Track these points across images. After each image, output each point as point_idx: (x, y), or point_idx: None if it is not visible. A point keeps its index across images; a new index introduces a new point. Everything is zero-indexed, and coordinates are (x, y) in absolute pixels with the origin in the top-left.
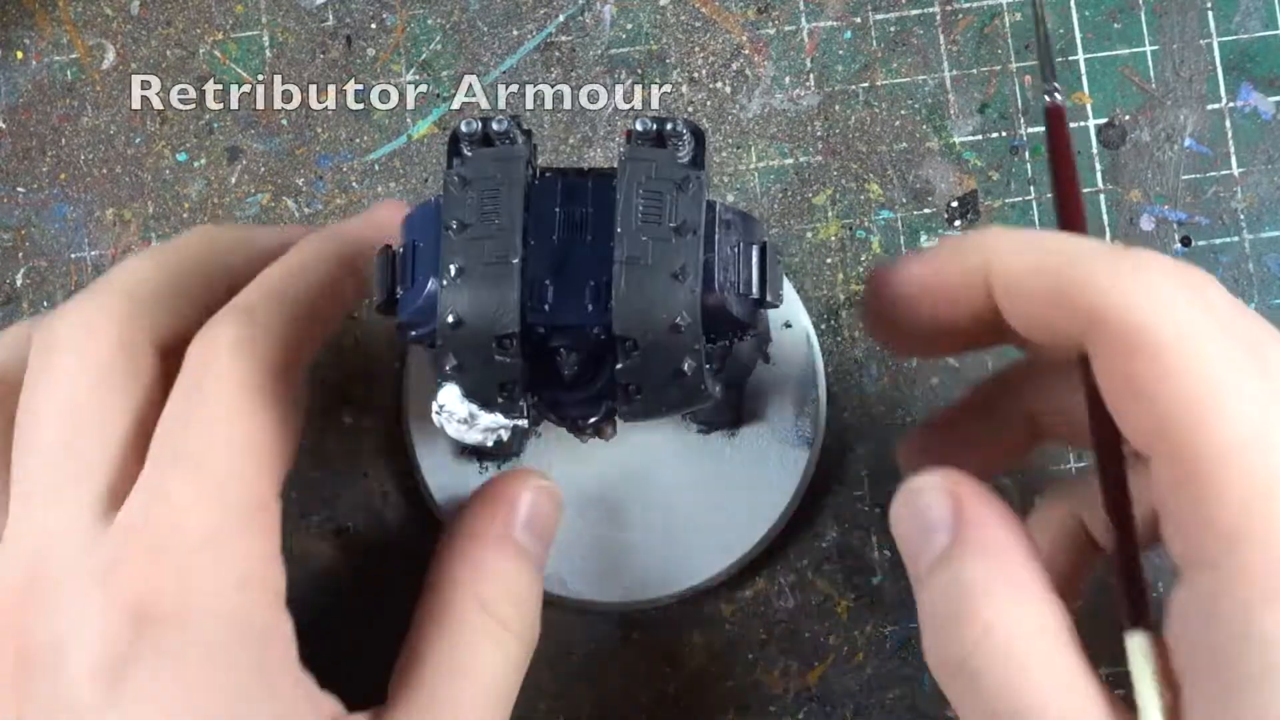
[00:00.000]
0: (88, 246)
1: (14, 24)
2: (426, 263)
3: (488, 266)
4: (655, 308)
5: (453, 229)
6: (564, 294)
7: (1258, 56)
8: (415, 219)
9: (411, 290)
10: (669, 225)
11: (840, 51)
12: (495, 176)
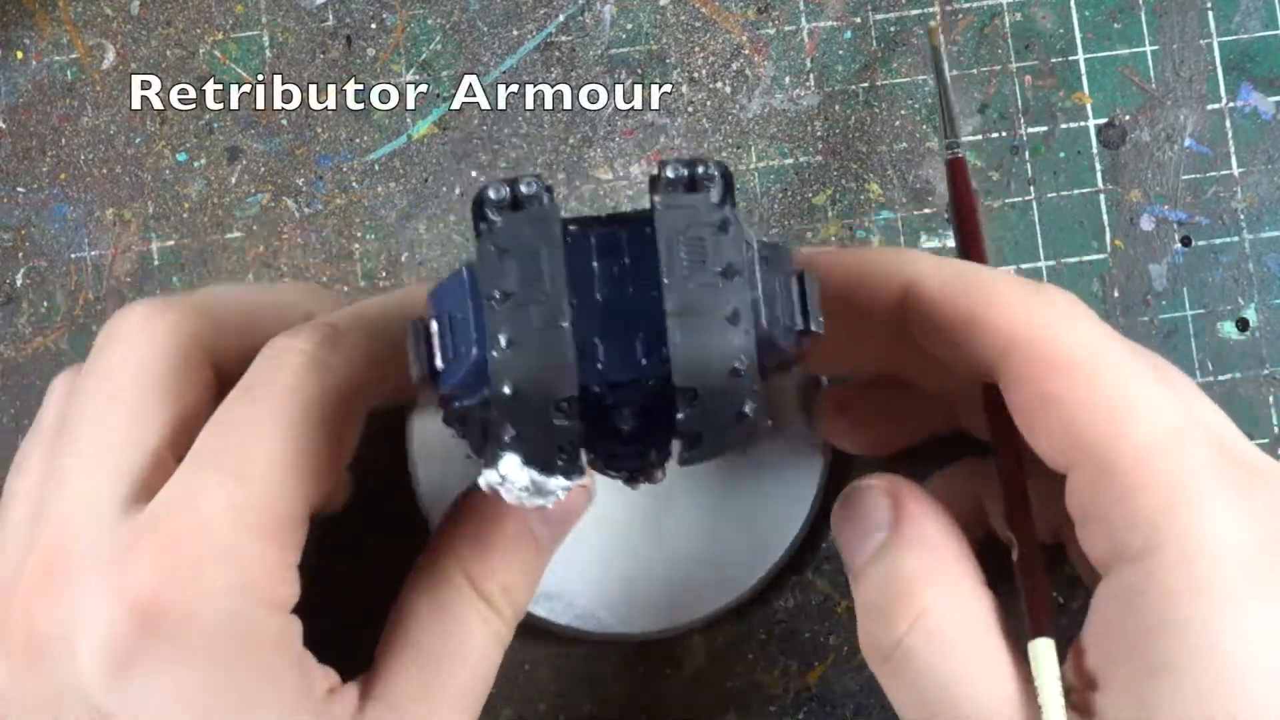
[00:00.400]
0: (88, 246)
1: (14, 24)
2: (465, 334)
3: (538, 333)
4: (713, 354)
5: (495, 299)
6: (615, 350)
7: (1258, 56)
8: (445, 291)
9: (454, 363)
10: (714, 270)
11: (840, 51)
12: (532, 241)
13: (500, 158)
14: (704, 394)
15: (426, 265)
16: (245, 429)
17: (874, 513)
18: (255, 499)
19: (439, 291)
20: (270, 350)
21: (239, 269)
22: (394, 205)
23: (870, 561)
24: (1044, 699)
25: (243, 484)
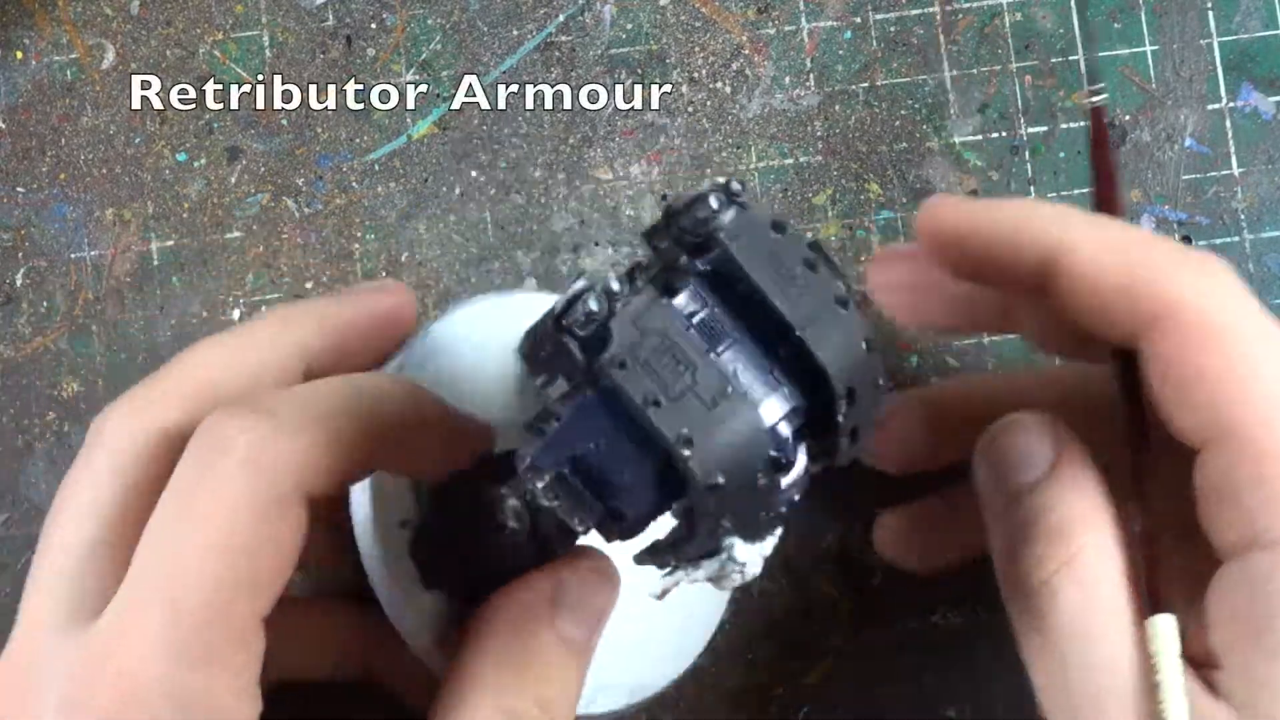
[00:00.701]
0: (87, 246)
1: (14, 24)
2: (628, 461)
3: (710, 412)
4: (852, 346)
5: (655, 407)
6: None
7: (1258, 56)
8: (567, 434)
9: (628, 493)
10: (829, 297)
11: (840, 51)
12: (652, 331)
13: (500, 158)
14: (858, 388)
15: (426, 265)
16: (178, 545)
17: (1034, 447)
18: (193, 627)
19: (557, 443)
20: (200, 439)
21: (239, 269)
22: (394, 205)
23: (1027, 492)
24: (1164, 675)
25: (177, 608)
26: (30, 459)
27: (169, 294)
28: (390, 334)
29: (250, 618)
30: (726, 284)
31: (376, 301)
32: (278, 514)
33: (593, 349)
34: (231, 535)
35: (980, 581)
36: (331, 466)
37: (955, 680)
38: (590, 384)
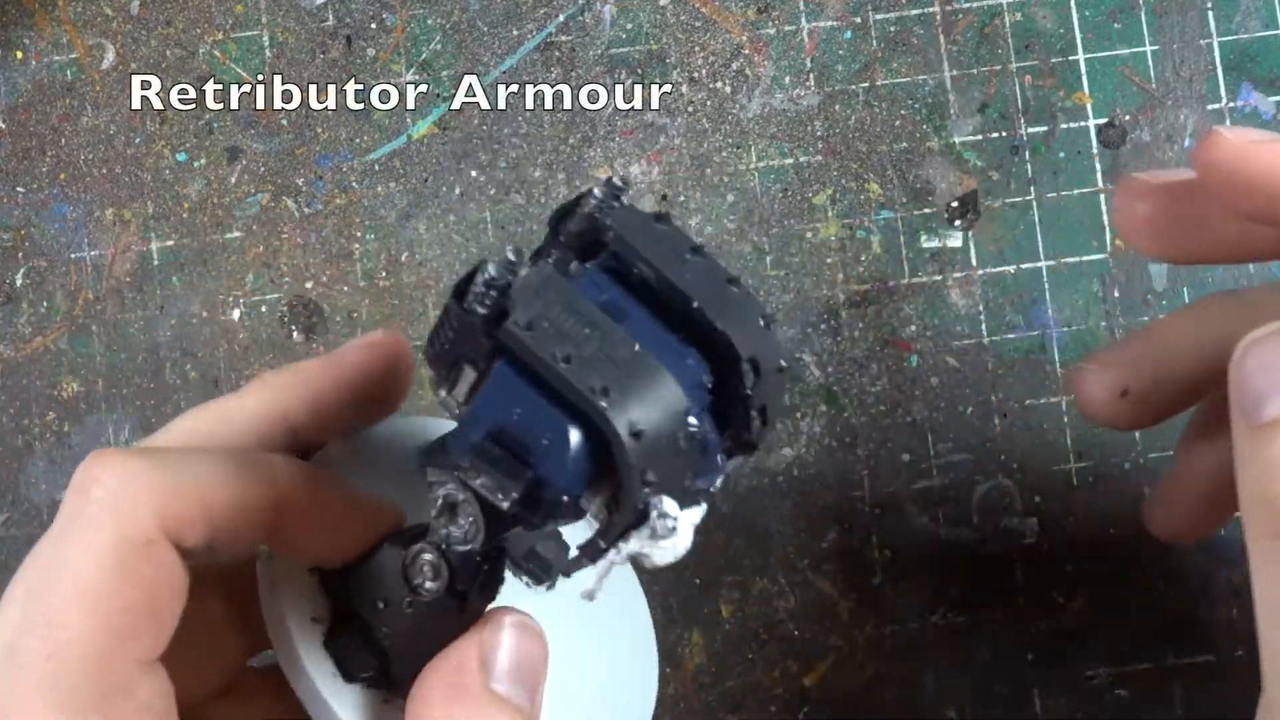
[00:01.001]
0: (88, 246)
1: (14, 24)
2: (545, 420)
3: (627, 367)
4: (751, 318)
5: (565, 364)
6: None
7: (1258, 56)
8: (483, 407)
9: (550, 458)
10: (721, 277)
11: (840, 51)
12: (555, 300)
13: (500, 158)
14: (761, 361)
15: (427, 265)
16: (48, 595)
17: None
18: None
19: (475, 417)
20: (76, 488)
21: (239, 269)
22: (394, 205)
23: (1270, 430)
24: None
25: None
26: (30, 459)
27: (169, 294)
28: (374, 390)
29: (129, 662)
30: (621, 277)
31: (355, 360)
32: (140, 557)
33: (493, 320)
34: (96, 584)
35: (980, 581)
36: (197, 515)
37: (955, 680)
38: (495, 356)
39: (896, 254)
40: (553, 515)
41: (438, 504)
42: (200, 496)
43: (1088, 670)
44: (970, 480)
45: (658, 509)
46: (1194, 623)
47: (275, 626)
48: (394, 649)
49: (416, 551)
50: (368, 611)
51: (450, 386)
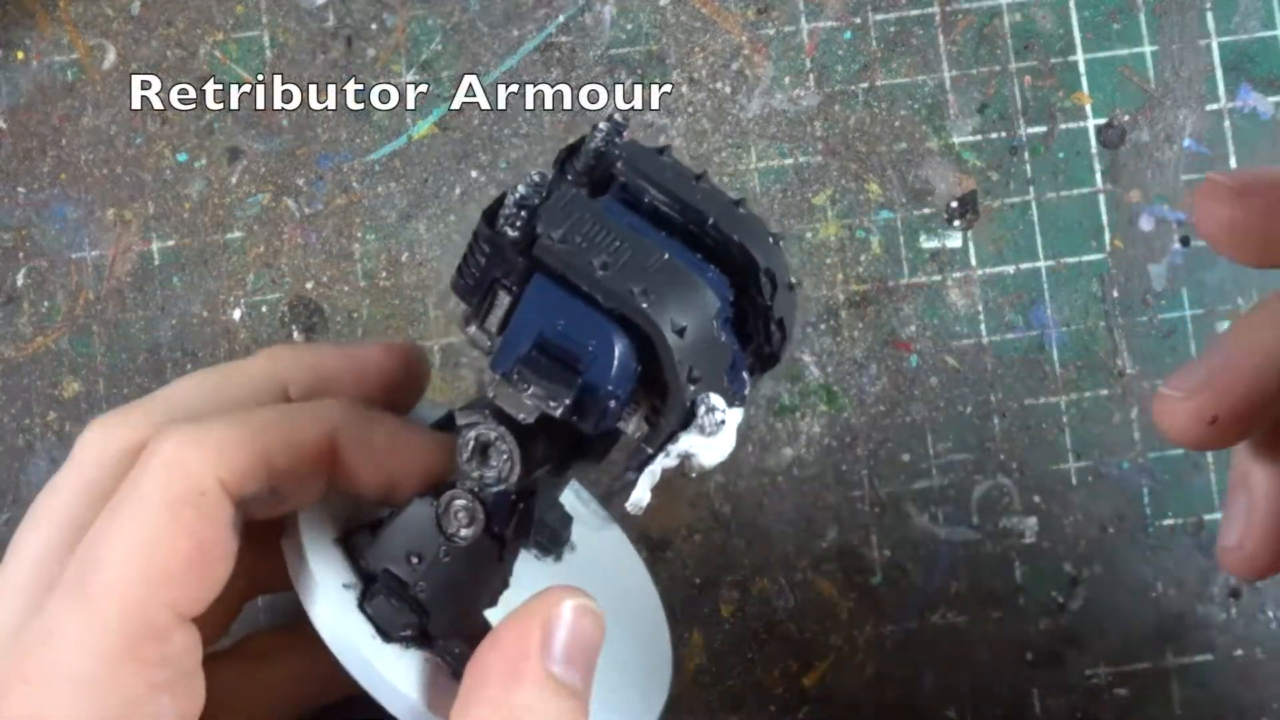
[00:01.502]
0: (88, 247)
1: (14, 24)
2: (589, 325)
3: (659, 273)
4: (762, 236)
5: (604, 271)
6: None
7: (1257, 56)
8: (526, 321)
9: (598, 361)
10: (727, 201)
11: (840, 51)
12: (585, 218)
13: (500, 158)
14: (776, 273)
15: (427, 265)
16: (100, 546)
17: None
18: (105, 621)
19: (519, 328)
20: (138, 462)
21: (239, 269)
22: (394, 205)
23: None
24: None
25: (92, 606)
26: (31, 459)
27: (169, 294)
28: (387, 393)
29: (167, 613)
30: (632, 207)
31: (372, 356)
32: (193, 507)
33: (526, 236)
34: (143, 533)
35: (980, 581)
36: (254, 464)
37: (955, 680)
38: (531, 274)
39: (896, 254)
40: (600, 420)
41: (469, 447)
42: (256, 443)
43: (1087, 670)
44: (970, 480)
45: (706, 404)
46: (1194, 623)
47: (309, 596)
48: (431, 602)
49: (449, 499)
50: (400, 569)
51: (483, 317)
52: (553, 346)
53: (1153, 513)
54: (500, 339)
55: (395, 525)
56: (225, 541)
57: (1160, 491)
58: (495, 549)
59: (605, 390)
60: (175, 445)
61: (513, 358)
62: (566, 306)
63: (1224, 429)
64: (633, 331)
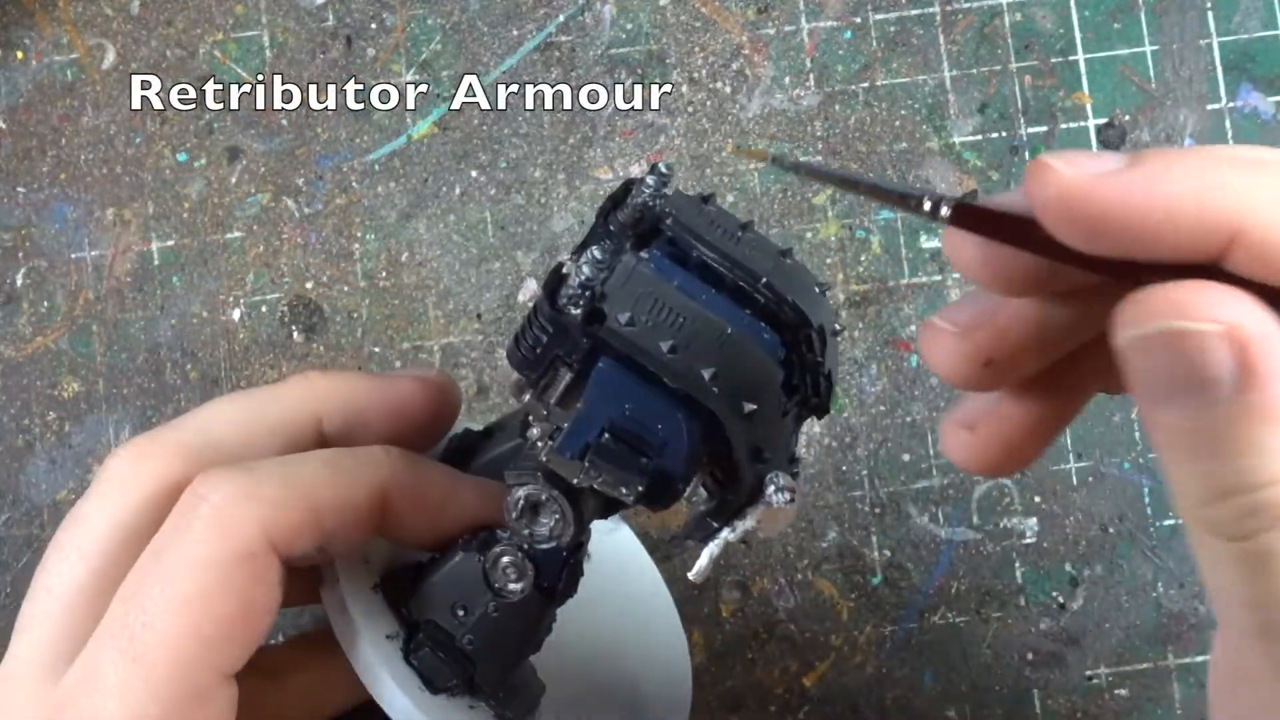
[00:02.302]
0: (88, 246)
1: (14, 24)
2: (658, 413)
3: (723, 352)
4: (814, 292)
5: (672, 355)
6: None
7: (1258, 56)
8: (594, 407)
9: (668, 447)
10: (773, 250)
11: (840, 51)
12: (645, 293)
13: (500, 158)
14: (826, 327)
15: (427, 265)
16: (147, 600)
17: (1212, 365)
18: (152, 680)
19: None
20: (180, 505)
21: (239, 269)
22: (394, 205)
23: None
24: None
25: (141, 661)
26: (30, 459)
27: (169, 294)
28: (416, 423)
29: (213, 674)
30: (679, 260)
31: (407, 388)
32: (244, 570)
33: (592, 319)
34: (194, 592)
35: (980, 581)
36: (305, 524)
37: (955, 680)
38: (595, 354)
39: (896, 254)
40: (668, 502)
41: (519, 506)
42: (308, 503)
43: (1088, 670)
44: (970, 480)
45: (776, 483)
46: (1194, 623)
47: (353, 649)
48: (478, 654)
49: (497, 555)
50: (446, 620)
51: (541, 390)
52: (621, 431)
53: (1153, 513)
54: (567, 422)
55: (440, 577)
56: (271, 600)
57: (1160, 491)
58: (544, 602)
59: (678, 476)
60: (224, 498)
61: (581, 444)
62: (634, 389)
63: (999, 373)
64: (699, 411)
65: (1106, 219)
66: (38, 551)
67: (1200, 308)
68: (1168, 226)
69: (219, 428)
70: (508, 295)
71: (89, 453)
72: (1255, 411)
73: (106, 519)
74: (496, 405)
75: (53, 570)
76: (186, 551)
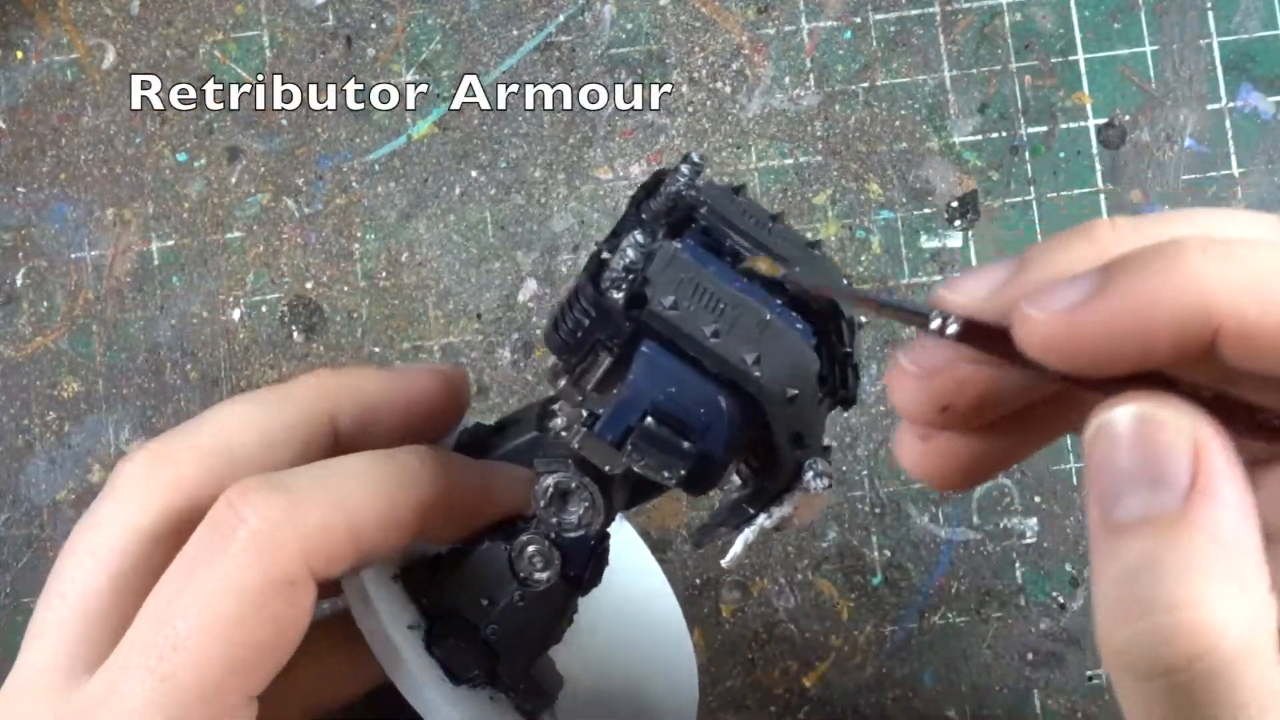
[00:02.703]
0: (88, 246)
1: (14, 24)
2: (700, 397)
3: (764, 338)
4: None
5: (715, 339)
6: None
7: (1258, 56)
8: (638, 389)
9: (710, 431)
10: (801, 242)
11: (840, 51)
12: (687, 279)
13: (500, 158)
14: (854, 321)
15: (427, 265)
16: (177, 620)
17: (1165, 463)
18: (179, 702)
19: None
20: (215, 522)
21: (239, 269)
22: (394, 205)
23: (1139, 531)
24: None
25: (167, 685)
26: (30, 459)
27: (169, 294)
28: (429, 418)
29: (240, 696)
30: (713, 249)
31: (420, 383)
32: (282, 597)
33: (635, 303)
34: (230, 616)
35: (980, 581)
36: (345, 548)
37: (955, 680)
38: (636, 338)
39: (896, 254)
40: (707, 487)
41: (547, 494)
42: (348, 527)
43: (1088, 670)
44: None
45: (814, 469)
46: None
47: (377, 640)
48: (502, 644)
49: (523, 544)
50: (470, 610)
51: (578, 375)
52: (664, 415)
53: None
54: (604, 407)
55: (464, 568)
56: (304, 623)
57: None
58: (570, 591)
59: (718, 460)
60: (265, 522)
61: (623, 426)
62: (677, 373)
63: (954, 419)
64: (739, 396)
65: (1094, 351)
66: (37, 551)
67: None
68: (1152, 341)
69: (235, 431)
70: (508, 295)
71: (89, 453)
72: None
73: (123, 525)
74: (496, 405)
75: (67, 576)
76: (223, 574)
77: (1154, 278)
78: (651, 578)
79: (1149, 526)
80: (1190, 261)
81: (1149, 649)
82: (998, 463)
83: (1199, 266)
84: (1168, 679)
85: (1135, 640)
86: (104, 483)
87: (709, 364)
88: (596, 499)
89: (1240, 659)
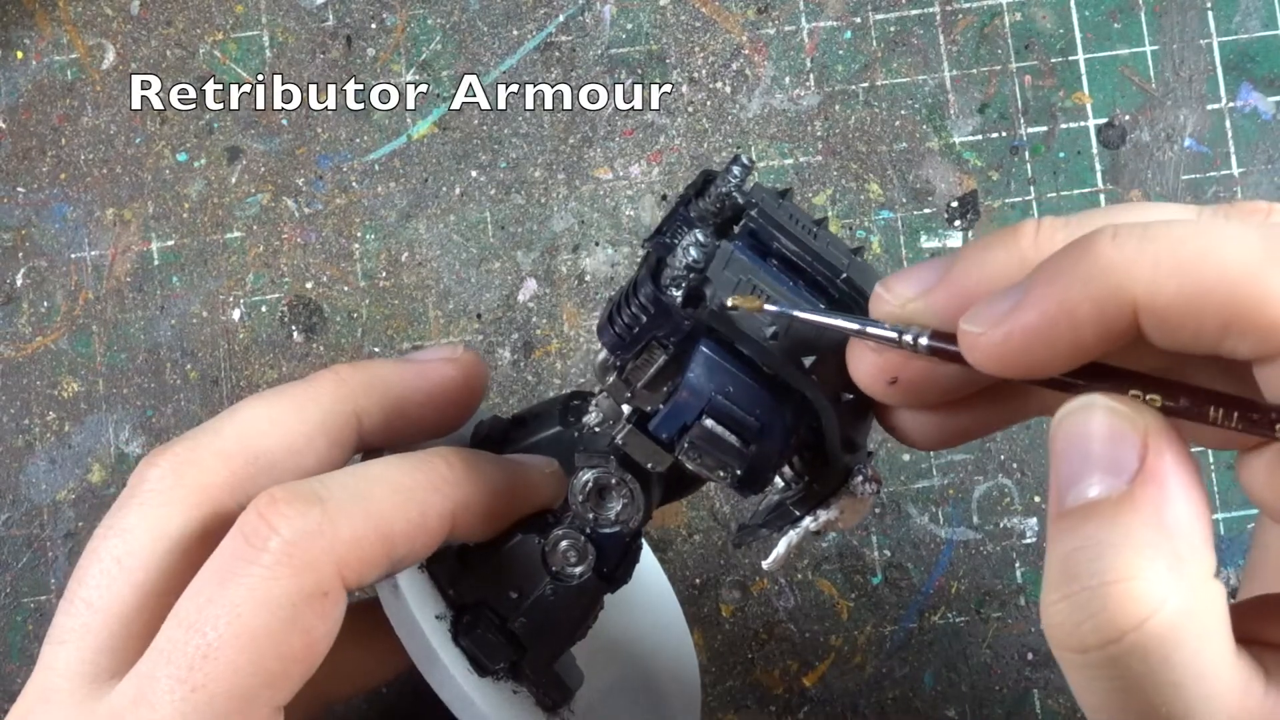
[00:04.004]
0: (88, 246)
1: (14, 24)
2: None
3: (816, 337)
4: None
5: (773, 340)
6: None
7: (1258, 56)
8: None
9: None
10: (845, 248)
11: (840, 51)
12: (745, 280)
13: (500, 158)
14: None
15: (427, 265)
16: (208, 629)
17: (1113, 451)
18: (208, 714)
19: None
20: (246, 531)
21: (239, 269)
22: (394, 205)
23: (1086, 514)
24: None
25: (198, 696)
26: (30, 459)
27: (169, 294)
28: (452, 406)
29: (269, 707)
30: (760, 250)
31: (441, 373)
32: (313, 609)
33: (693, 300)
34: (261, 628)
35: (980, 581)
36: (378, 558)
37: (955, 680)
38: (692, 337)
39: (896, 254)
40: (759, 487)
41: (586, 489)
42: (380, 536)
43: None
44: (970, 480)
45: (864, 473)
46: None
47: (405, 629)
48: (529, 638)
49: (557, 538)
50: (498, 602)
51: (630, 371)
52: (720, 414)
53: None
54: (656, 404)
55: (494, 560)
56: (334, 632)
57: None
58: (600, 587)
59: (773, 462)
60: (298, 534)
61: (679, 424)
62: (734, 373)
63: (901, 394)
64: (793, 398)
65: (1030, 356)
66: (37, 551)
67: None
68: (1079, 336)
69: (259, 435)
70: (508, 295)
71: (89, 453)
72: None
73: (149, 532)
74: (496, 405)
75: (92, 582)
76: (255, 585)
77: (1069, 275)
78: (653, 577)
79: (1094, 509)
80: (1102, 251)
81: (1083, 621)
82: (966, 433)
83: (1110, 254)
84: (1103, 651)
85: (1070, 613)
86: (104, 483)
87: (765, 365)
88: (637, 495)
89: (1174, 636)
